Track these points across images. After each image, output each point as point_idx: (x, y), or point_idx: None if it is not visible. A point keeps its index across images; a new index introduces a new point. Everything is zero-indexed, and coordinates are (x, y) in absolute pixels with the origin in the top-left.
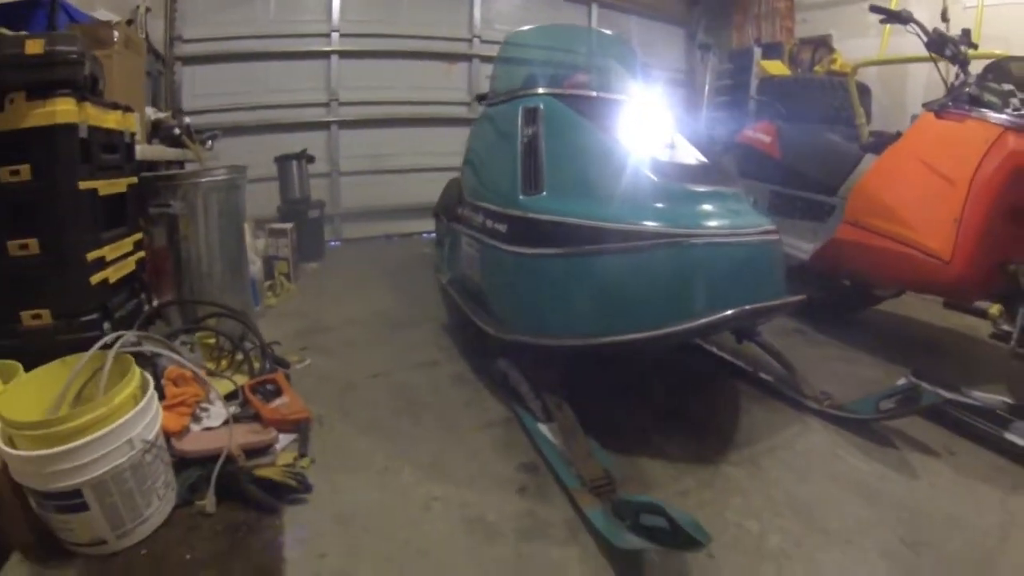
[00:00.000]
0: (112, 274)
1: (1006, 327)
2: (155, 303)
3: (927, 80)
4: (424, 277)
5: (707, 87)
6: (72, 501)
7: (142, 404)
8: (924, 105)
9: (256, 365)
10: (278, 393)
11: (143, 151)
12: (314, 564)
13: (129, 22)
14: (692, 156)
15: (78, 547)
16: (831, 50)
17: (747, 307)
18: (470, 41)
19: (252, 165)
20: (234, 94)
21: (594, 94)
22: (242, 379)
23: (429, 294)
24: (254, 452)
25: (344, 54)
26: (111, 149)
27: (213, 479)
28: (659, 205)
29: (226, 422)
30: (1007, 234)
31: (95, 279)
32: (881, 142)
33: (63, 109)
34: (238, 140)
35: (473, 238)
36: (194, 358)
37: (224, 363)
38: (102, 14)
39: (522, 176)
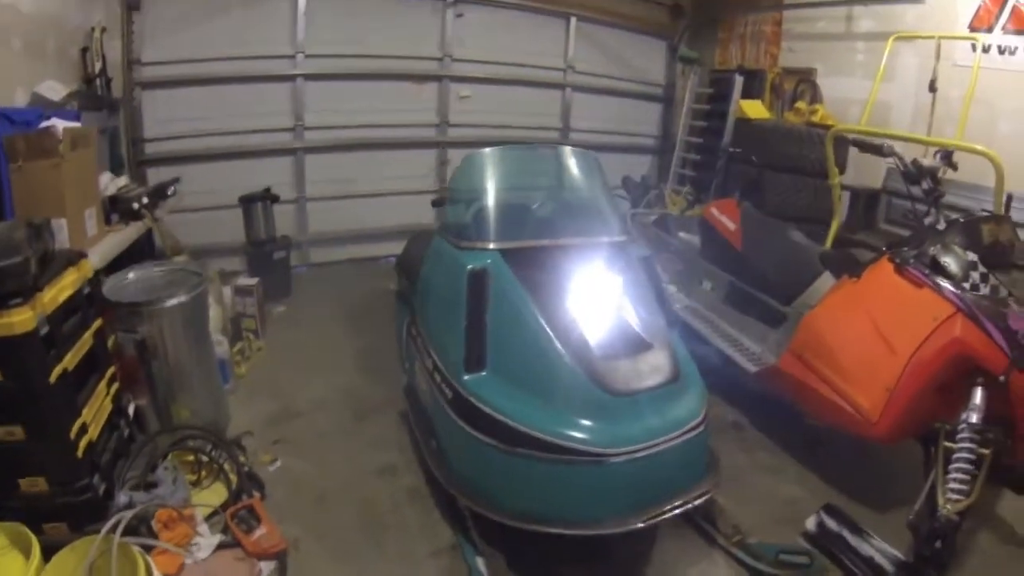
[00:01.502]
0: (94, 431)
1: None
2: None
3: (911, 122)
4: (387, 329)
5: (685, 108)
6: None
7: None
8: (887, 248)
9: (233, 479)
10: (257, 520)
11: (102, 254)
12: None
13: (84, 49)
14: (634, 339)
15: None
16: (814, 86)
17: (656, 515)
18: (441, 60)
19: (218, 193)
20: (197, 119)
21: (547, 243)
22: (221, 494)
23: (391, 361)
24: None
25: (310, 76)
26: (73, 311)
27: None
28: (587, 416)
29: (225, 546)
30: (938, 400)
31: (81, 448)
32: (840, 261)
33: (19, 320)
34: (204, 167)
35: (426, 370)
36: (177, 488)
37: (204, 472)
38: (48, 87)
39: (466, 350)
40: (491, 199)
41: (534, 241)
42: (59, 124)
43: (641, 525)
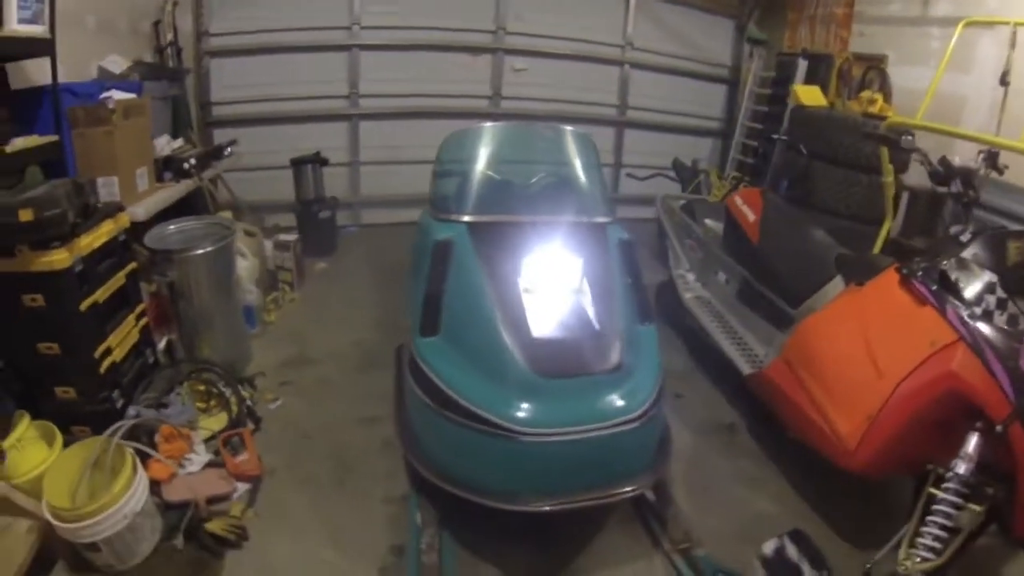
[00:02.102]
0: (118, 354)
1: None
2: (160, 347)
3: (987, 119)
4: None
5: (747, 91)
6: (91, 546)
7: (131, 490)
8: (897, 261)
9: (235, 409)
10: (243, 447)
11: (148, 207)
12: None
13: (156, 23)
14: (582, 323)
15: (97, 567)
16: (883, 74)
17: (568, 502)
18: (495, 33)
19: (277, 153)
20: (260, 86)
21: (519, 219)
22: (222, 422)
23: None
24: (217, 499)
25: (365, 47)
26: (108, 255)
27: (182, 526)
28: (511, 392)
29: (212, 464)
30: (929, 438)
31: (103, 367)
32: (855, 266)
33: (57, 259)
34: (265, 130)
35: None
36: (185, 410)
37: (213, 402)
38: (112, 62)
39: (423, 315)
40: (471, 174)
41: (507, 216)
42: (116, 95)
43: (547, 509)
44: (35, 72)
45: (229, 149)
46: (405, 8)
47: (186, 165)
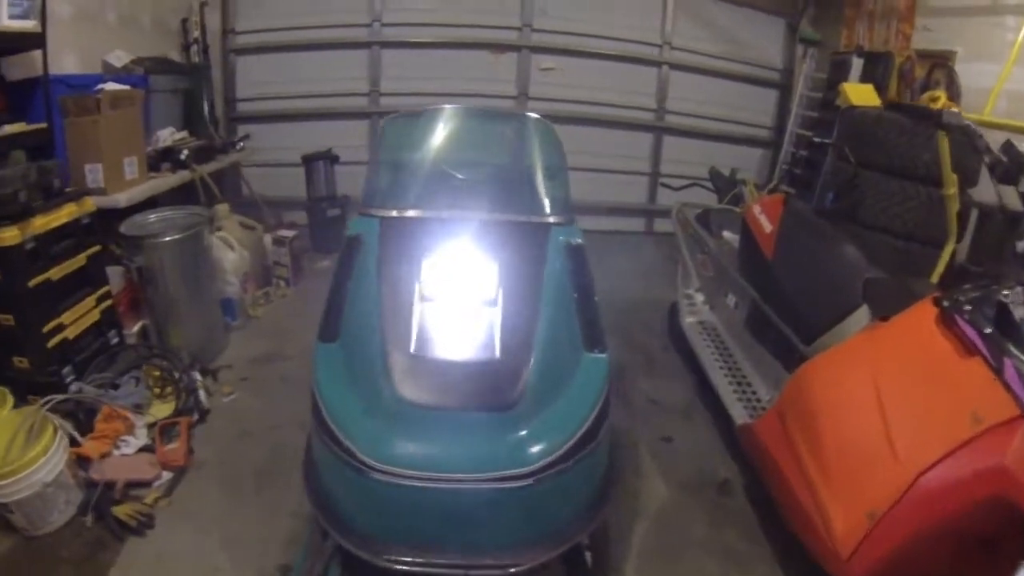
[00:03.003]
0: (72, 331)
1: None
2: (134, 330)
3: None
4: None
5: (797, 95)
6: (4, 506)
7: (44, 459)
8: (937, 289)
9: (182, 398)
10: (178, 436)
11: (133, 195)
12: None
13: (184, 20)
14: (480, 345)
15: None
16: (951, 73)
17: (436, 564)
18: (520, 30)
19: (298, 149)
20: (282, 83)
21: (444, 214)
22: (169, 408)
23: None
24: (138, 484)
25: (386, 44)
26: (67, 236)
27: (91, 504)
28: (375, 417)
29: (145, 449)
30: (958, 559)
31: (52, 343)
32: (887, 294)
33: (8, 235)
34: (285, 126)
35: None
36: (135, 393)
37: (169, 389)
38: (115, 56)
39: (322, 317)
40: (399, 164)
41: (426, 212)
42: (112, 87)
43: (403, 568)
44: (33, 64)
45: (241, 144)
46: (427, 4)
47: (181, 156)
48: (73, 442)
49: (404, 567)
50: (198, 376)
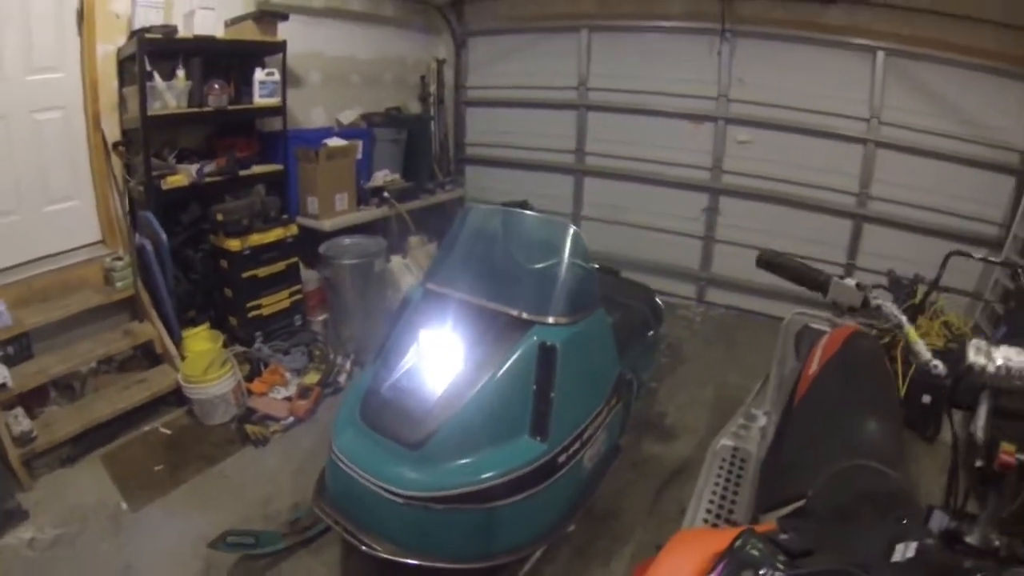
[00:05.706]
0: (266, 311)
1: None
2: (320, 319)
3: None
4: None
5: None
6: (192, 402)
7: (217, 383)
8: None
9: (328, 373)
10: (310, 395)
11: (336, 223)
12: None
13: (422, 77)
14: (431, 398)
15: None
16: None
17: (350, 529)
18: (717, 100)
19: (507, 193)
20: (502, 133)
21: (462, 297)
22: (316, 378)
23: None
24: (270, 418)
25: (591, 107)
26: (274, 249)
27: (238, 418)
28: (351, 422)
29: (287, 398)
30: None
31: (252, 315)
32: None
33: (232, 245)
34: (501, 172)
35: None
36: (298, 359)
37: (323, 365)
38: (344, 115)
39: (378, 346)
40: (450, 248)
41: (458, 293)
42: (332, 142)
43: (329, 523)
44: (279, 122)
45: (448, 186)
46: (630, 72)
47: (384, 194)
48: (249, 379)
49: (326, 518)
50: (348, 364)
